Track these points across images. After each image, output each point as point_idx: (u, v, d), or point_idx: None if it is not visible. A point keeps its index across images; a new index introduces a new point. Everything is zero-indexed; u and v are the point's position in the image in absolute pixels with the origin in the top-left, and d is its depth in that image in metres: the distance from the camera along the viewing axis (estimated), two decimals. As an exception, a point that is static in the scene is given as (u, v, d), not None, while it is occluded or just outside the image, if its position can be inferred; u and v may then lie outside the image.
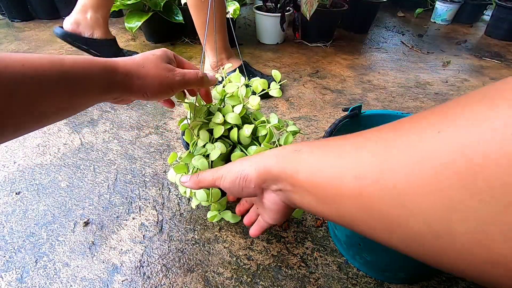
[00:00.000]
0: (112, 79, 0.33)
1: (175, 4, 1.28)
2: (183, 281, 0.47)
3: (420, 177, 0.17)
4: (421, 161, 0.17)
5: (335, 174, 0.22)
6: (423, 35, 1.66)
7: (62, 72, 0.29)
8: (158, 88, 0.37)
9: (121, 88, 0.35)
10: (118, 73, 0.34)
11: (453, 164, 0.16)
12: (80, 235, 0.54)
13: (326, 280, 0.48)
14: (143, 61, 0.37)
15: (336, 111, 0.92)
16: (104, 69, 0.33)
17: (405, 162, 0.18)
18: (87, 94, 0.32)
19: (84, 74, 0.31)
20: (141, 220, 0.56)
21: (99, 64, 0.33)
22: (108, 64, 0.34)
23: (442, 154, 0.16)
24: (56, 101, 0.29)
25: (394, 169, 0.18)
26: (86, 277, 0.47)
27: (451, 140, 0.16)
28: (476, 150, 0.15)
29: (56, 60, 0.29)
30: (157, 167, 0.68)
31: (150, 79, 0.36)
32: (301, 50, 1.38)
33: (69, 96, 0.30)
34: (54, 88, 0.28)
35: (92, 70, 0.32)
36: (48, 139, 0.76)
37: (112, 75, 0.33)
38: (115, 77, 0.34)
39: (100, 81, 0.32)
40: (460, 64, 1.31)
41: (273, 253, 0.52)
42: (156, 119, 0.85)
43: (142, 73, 0.36)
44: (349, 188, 0.21)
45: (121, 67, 0.35)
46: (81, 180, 0.65)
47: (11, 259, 0.50)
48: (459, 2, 1.83)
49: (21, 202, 0.59)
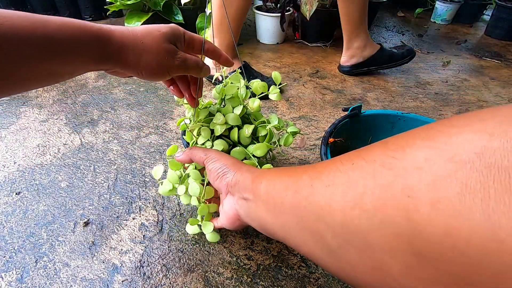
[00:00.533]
0: (104, 49, 0.30)
1: (175, 4, 1.28)
2: (183, 281, 0.47)
3: (336, 201, 0.21)
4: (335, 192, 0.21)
5: (282, 188, 0.26)
6: (423, 35, 1.66)
7: (45, 36, 0.26)
8: (155, 69, 0.34)
9: (113, 60, 0.32)
10: (111, 44, 0.31)
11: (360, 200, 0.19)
12: (80, 235, 0.54)
13: (326, 280, 0.48)
14: (144, 35, 0.33)
15: (336, 111, 0.92)
16: (96, 38, 0.29)
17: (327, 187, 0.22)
18: (73, 62, 0.29)
19: (72, 41, 0.28)
20: (141, 220, 0.56)
21: (91, 30, 0.29)
22: (102, 32, 0.30)
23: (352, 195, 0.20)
24: (37, 67, 0.26)
25: (319, 192, 0.22)
26: (86, 277, 0.47)
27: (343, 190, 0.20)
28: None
29: (39, 22, 0.26)
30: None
31: (147, 57, 0.33)
32: (301, 50, 1.38)
33: (52, 64, 0.27)
34: (35, 53, 0.25)
35: (82, 37, 0.28)
36: (48, 139, 0.76)
37: (104, 45, 0.30)
38: (108, 47, 0.30)
39: (90, 50, 0.29)
40: (460, 64, 1.31)
41: (273, 253, 0.52)
42: (156, 119, 0.85)
43: (139, 48, 0.32)
44: (289, 200, 0.25)
45: (116, 37, 0.31)
46: (81, 180, 0.65)
47: (11, 259, 0.50)
48: (459, 2, 1.83)
49: (21, 202, 0.59)
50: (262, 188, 0.29)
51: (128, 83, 1.03)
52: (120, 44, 0.31)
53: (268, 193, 0.28)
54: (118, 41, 0.31)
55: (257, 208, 0.30)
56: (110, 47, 0.31)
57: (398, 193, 0.16)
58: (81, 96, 0.96)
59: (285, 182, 0.27)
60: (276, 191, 0.27)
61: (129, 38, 0.32)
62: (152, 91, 0.99)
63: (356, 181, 0.19)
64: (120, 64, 0.32)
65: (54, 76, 0.29)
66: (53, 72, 0.28)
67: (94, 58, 0.30)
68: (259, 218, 0.30)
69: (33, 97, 0.94)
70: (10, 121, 0.82)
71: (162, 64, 0.34)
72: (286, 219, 0.25)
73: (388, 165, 0.17)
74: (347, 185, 0.20)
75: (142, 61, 0.33)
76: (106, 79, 1.06)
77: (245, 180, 0.33)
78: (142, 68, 0.33)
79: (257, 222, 0.31)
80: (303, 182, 0.24)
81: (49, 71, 0.28)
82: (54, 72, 0.28)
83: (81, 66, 0.30)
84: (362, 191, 0.18)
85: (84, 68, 0.30)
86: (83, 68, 0.30)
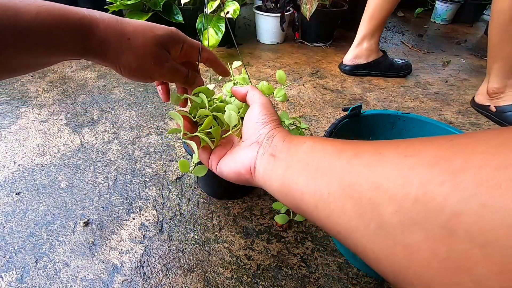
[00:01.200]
0: (84, 42, 0.28)
1: (175, 4, 1.28)
2: (183, 281, 0.47)
3: (418, 172, 0.17)
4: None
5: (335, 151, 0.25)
6: (423, 35, 1.66)
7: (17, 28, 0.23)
8: (134, 70, 0.32)
9: (93, 53, 0.29)
10: (93, 36, 0.28)
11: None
12: (80, 235, 0.54)
13: (326, 280, 0.48)
14: (135, 33, 0.31)
15: (336, 111, 0.92)
16: (77, 28, 0.27)
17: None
18: (50, 55, 0.27)
19: (49, 33, 0.25)
20: (141, 220, 0.56)
21: (72, 20, 0.27)
22: (85, 21, 0.27)
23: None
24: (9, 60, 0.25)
25: (392, 160, 0.20)
26: (86, 277, 0.47)
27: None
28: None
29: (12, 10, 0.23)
30: (157, 167, 0.68)
31: (128, 56, 0.30)
32: (301, 50, 1.38)
33: (27, 57, 0.25)
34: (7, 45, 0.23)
35: (61, 28, 0.26)
36: (48, 139, 0.76)
37: (85, 38, 0.28)
38: (89, 40, 0.28)
39: (69, 43, 0.27)
40: (460, 63, 1.31)
41: (273, 253, 0.52)
42: (156, 119, 0.85)
43: (122, 45, 0.30)
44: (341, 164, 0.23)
45: (99, 29, 0.28)
46: (81, 180, 0.65)
47: (11, 259, 0.50)
48: (459, 2, 1.83)
49: (21, 202, 0.59)
50: (303, 149, 0.27)
51: (128, 83, 1.03)
52: (103, 38, 0.29)
53: (312, 154, 0.25)
54: (101, 34, 0.29)
55: (288, 168, 0.27)
56: (91, 40, 0.28)
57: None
58: (81, 96, 0.96)
59: (338, 147, 0.24)
60: (324, 153, 0.24)
61: (115, 33, 0.29)
62: (152, 91, 0.99)
63: (450, 156, 0.16)
64: (98, 58, 0.30)
65: (31, 67, 0.28)
66: (30, 63, 0.27)
67: (73, 50, 0.28)
68: (285, 179, 0.27)
69: (33, 97, 0.94)
70: (10, 121, 0.82)
71: (143, 68, 0.32)
72: (327, 182, 0.22)
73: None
74: (437, 159, 0.16)
75: (122, 60, 0.31)
76: (106, 79, 1.06)
77: (281, 137, 0.30)
78: (121, 66, 0.31)
79: (279, 183, 0.28)
80: (366, 150, 0.21)
81: (24, 63, 0.26)
82: (31, 63, 0.27)
83: (59, 58, 0.28)
84: (461, 167, 0.15)
85: (62, 59, 0.29)
86: (61, 59, 0.29)
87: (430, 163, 0.16)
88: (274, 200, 0.61)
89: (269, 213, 0.58)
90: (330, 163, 0.23)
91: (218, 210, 0.59)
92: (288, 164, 0.27)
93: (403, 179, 0.17)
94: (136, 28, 0.31)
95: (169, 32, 0.34)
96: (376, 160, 0.19)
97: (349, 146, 0.23)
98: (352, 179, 0.20)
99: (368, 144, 0.22)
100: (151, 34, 0.32)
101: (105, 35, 0.29)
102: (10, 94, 0.95)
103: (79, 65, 1.16)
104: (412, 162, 0.17)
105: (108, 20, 0.30)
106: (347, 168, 0.21)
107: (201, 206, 0.59)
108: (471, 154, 0.15)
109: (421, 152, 0.17)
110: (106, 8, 1.19)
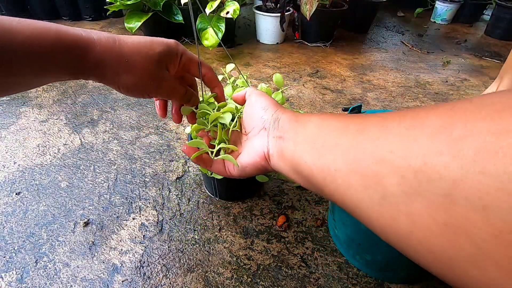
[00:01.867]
0: (79, 63, 0.27)
1: (175, 4, 1.28)
2: (183, 281, 0.47)
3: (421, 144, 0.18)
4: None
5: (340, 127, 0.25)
6: (423, 35, 1.66)
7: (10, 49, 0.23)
8: (131, 90, 0.32)
9: (88, 74, 0.29)
10: (88, 58, 0.28)
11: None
12: (80, 235, 0.54)
13: (326, 280, 0.48)
14: (133, 53, 0.30)
15: (336, 111, 0.92)
16: (72, 50, 0.27)
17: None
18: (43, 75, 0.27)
19: (43, 54, 0.25)
20: (141, 220, 0.56)
21: (67, 40, 0.26)
22: (81, 42, 0.27)
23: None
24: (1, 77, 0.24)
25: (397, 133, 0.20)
26: (86, 277, 0.47)
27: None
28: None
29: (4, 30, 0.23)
30: (157, 167, 0.68)
31: (126, 77, 0.30)
32: (301, 50, 1.38)
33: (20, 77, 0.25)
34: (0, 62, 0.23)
35: (54, 50, 0.26)
36: (48, 139, 0.76)
37: (79, 59, 0.27)
38: (84, 62, 0.28)
39: (62, 64, 0.27)
40: (460, 63, 1.31)
41: (273, 253, 0.51)
42: (156, 119, 0.85)
43: (120, 66, 0.30)
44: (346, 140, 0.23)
45: (96, 51, 0.28)
46: (81, 180, 0.65)
47: (11, 259, 0.50)
48: (459, 2, 1.83)
49: (21, 202, 0.59)
50: (309, 127, 0.27)
51: (128, 83, 1.03)
52: (99, 59, 0.28)
53: (318, 132, 0.26)
54: (97, 56, 0.28)
55: (296, 147, 0.28)
56: (86, 62, 0.28)
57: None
58: (81, 96, 0.96)
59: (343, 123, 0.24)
60: (330, 130, 0.25)
61: (112, 54, 0.29)
62: (152, 91, 0.99)
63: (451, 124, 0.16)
64: (95, 78, 0.30)
65: (21, 86, 0.27)
66: (23, 83, 0.27)
67: (67, 70, 0.28)
68: (294, 158, 0.28)
69: (33, 97, 0.94)
70: (10, 121, 0.82)
71: (141, 87, 0.32)
72: (333, 159, 0.23)
73: None
74: (439, 128, 0.17)
75: (121, 80, 0.30)
76: (106, 79, 1.06)
77: (286, 118, 0.31)
78: (119, 85, 0.31)
79: (290, 163, 0.28)
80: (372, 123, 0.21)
81: (16, 83, 0.26)
82: (24, 83, 0.27)
83: (52, 79, 0.28)
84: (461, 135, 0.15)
85: (55, 79, 0.28)
86: (54, 79, 0.28)
87: (432, 133, 0.17)
88: (274, 200, 0.61)
89: (269, 213, 0.58)
90: (336, 140, 0.23)
91: (218, 210, 0.59)
92: (296, 143, 0.28)
93: (406, 152, 0.18)
94: (133, 48, 0.30)
95: (167, 47, 0.33)
96: (381, 133, 0.20)
97: (355, 120, 0.23)
98: (357, 155, 0.21)
99: (375, 117, 0.22)
100: (150, 53, 0.31)
101: (102, 56, 0.28)
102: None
103: (79, 65, 1.16)
104: (415, 134, 0.18)
105: (106, 40, 0.29)
106: (352, 144, 0.22)
107: (201, 206, 0.59)
108: (471, 120, 0.15)
109: (424, 123, 0.18)
110: (106, 8, 1.19)
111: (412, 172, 0.17)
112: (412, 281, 0.48)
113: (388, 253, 0.44)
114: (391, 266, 0.46)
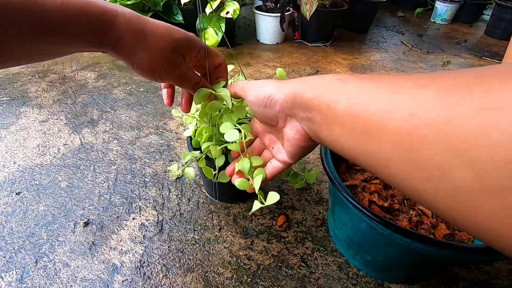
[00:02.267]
0: (102, 36, 0.28)
1: (175, 4, 1.28)
2: (183, 281, 0.47)
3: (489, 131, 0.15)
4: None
5: (386, 108, 0.20)
6: (423, 35, 1.66)
7: (41, 16, 0.24)
8: (146, 69, 0.32)
9: (109, 47, 0.30)
10: (112, 31, 0.29)
11: None
12: (80, 235, 0.54)
13: (326, 280, 0.48)
14: (152, 33, 0.31)
15: (336, 111, 0.92)
16: (97, 22, 0.27)
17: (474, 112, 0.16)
18: (69, 45, 0.27)
19: (70, 24, 0.26)
20: (141, 220, 0.56)
21: (93, 13, 0.27)
22: (105, 15, 0.28)
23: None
24: (31, 46, 0.25)
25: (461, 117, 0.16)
26: (86, 277, 0.47)
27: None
28: None
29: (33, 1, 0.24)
30: (157, 167, 0.68)
31: (142, 55, 0.31)
32: (301, 50, 1.38)
33: (47, 44, 0.26)
34: (30, 32, 0.24)
35: (81, 21, 0.26)
36: (48, 139, 0.76)
37: (103, 32, 0.28)
38: (107, 35, 0.29)
39: (87, 35, 0.27)
40: (460, 63, 1.31)
41: (273, 253, 0.51)
42: (156, 119, 0.85)
43: (138, 43, 0.30)
44: (398, 125, 0.19)
45: (119, 25, 0.29)
46: (81, 180, 0.65)
47: (11, 259, 0.50)
48: (459, 2, 1.83)
49: (21, 202, 0.59)
50: (339, 107, 0.24)
51: (128, 83, 1.03)
52: (121, 33, 0.29)
53: (353, 114, 0.23)
54: (120, 29, 0.29)
55: (332, 132, 0.25)
56: (109, 34, 0.29)
57: None
58: (81, 96, 0.96)
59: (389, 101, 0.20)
60: (371, 111, 0.21)
61: (134, 29, 0.30)
62: (152, 91, 0.99)
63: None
64: (113, 52, 0.30)
65: (47, 54, 0.28)
66: (47, 51, 0.27)
67: (91, 42, 0.28)
68: (332, 141, 0.25)
69: (33, 97, 0.94)
70: (10, 121, 0.82)
71: (155, 69, 0.32)
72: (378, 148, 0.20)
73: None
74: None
75: (136, 57, 0.31)
76: (106, 79, 1.06)
77: (303, 95, 0.28)
78: (134, 62, 0.32)
79: (329, 144, 0.26)
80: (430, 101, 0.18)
81: (43, 51, 0.27)
82: (48, 51, 0.27)
83: (77, 48, 0.29)
84: None
85: (80, 49, 0.29)
86: (79, 49, 0.29)
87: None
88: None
89: (269, 213, 0.58)
90: (384, 126, 0.20)
91: (218, 210, 0.59)
92: (329, 127, 0.25)
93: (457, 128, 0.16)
94: (155, 28, 0.31)
95: (187, 37, 0.33)
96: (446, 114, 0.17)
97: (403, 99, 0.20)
98: (413, 144, 0.18)
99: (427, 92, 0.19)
100: (169, 37, 0.32)
101: (124, 30, 0.29)
102: (10, 94, 0.95)
103: (79, 65, 1.16)
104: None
105: (129, 15, 0.30)
106: (402, 129, 0.19)
107: (201, 206, 0.59)
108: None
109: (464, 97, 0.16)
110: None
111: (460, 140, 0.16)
112: (412, 281, 0.48)
113: (388, 253, 0.44)
114: (391, 266, 0.46)
